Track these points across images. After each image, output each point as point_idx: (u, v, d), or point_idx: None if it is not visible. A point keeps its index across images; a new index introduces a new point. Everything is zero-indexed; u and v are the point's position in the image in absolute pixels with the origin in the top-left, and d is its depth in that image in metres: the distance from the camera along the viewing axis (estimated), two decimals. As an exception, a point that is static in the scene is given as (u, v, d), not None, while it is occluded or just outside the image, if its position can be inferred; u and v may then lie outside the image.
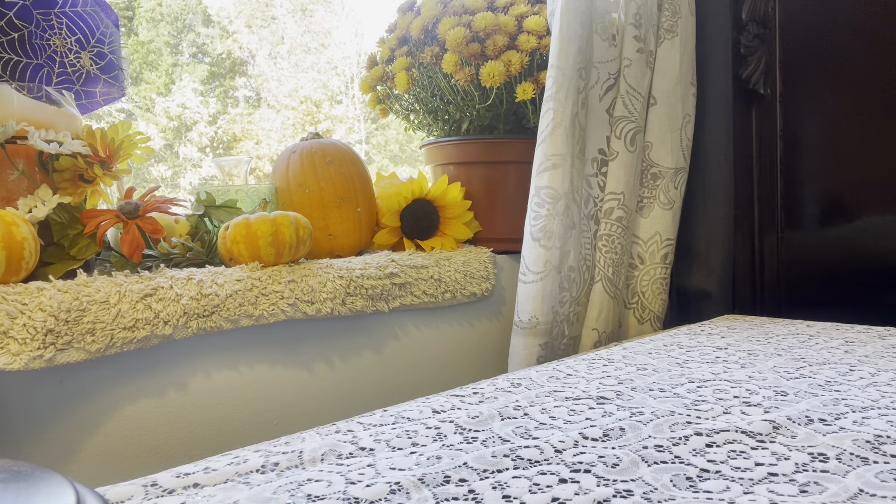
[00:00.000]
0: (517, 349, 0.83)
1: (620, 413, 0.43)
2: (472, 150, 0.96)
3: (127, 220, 0.65)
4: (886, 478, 0.32)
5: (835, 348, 0.61)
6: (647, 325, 0.95)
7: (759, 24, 0.95)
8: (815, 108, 0.94)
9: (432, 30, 0.92)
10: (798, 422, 0.40)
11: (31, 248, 0.56)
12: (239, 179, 0.85)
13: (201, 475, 0.35)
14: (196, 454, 0.65)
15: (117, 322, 0.57)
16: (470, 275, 0.88)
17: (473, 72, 0.89)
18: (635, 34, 0.89)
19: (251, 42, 2.26)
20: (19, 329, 0.52)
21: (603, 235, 0.90)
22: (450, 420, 0.43)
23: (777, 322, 0.78)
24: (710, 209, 0.97)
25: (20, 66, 0.74)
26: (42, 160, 0.65)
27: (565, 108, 0.81)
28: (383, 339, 0.81)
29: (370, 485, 0.33)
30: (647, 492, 0.31)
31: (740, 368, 0.55)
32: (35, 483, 0.24)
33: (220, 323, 0.64)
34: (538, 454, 0.36)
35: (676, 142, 0.93)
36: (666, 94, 0.92)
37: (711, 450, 0.36)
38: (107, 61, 0.80)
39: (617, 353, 0.62)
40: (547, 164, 0.81)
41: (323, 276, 0.71)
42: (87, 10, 0.77)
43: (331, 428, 0.43)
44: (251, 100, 2.26)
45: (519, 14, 0.90)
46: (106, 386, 0.60)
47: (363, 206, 0.87)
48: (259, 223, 0.68)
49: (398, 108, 1.02)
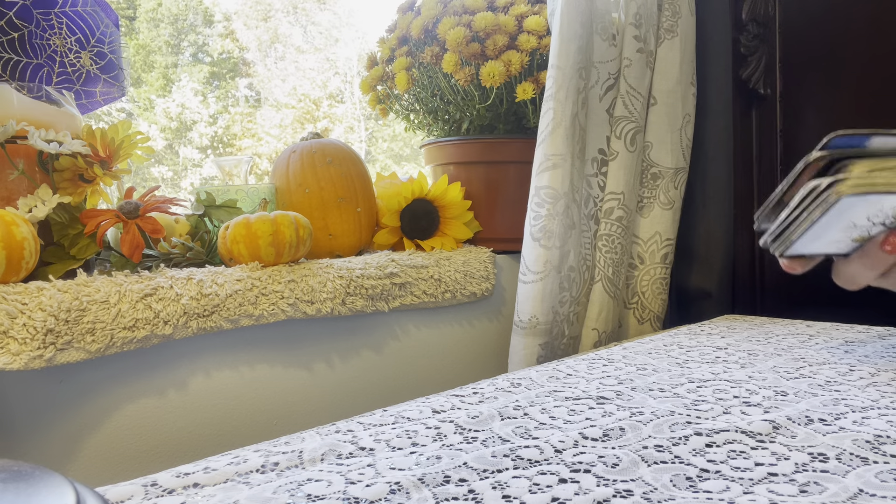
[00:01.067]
0: (517, 349, 0.83)
1: (620, 413, 0.43)
2: (472, 149, 0.96)
3: (127, 219, 0.65)
4: (886, 478, 0.32)
5: (835, 348, 0.61)
6: (647, 325, 0.95)
7: (759, 24, 0.95)
8: (816, 108, 0.94)
9: (432, 30, 0.92)
10: (798, 422, 0.40)
11: (31, 247, 0.56)
12: (239, 179, 0.85)
13: (201, 475, 0.35)
14: (196, 454, 0.65)
15: (117, 322, 0.57)
16: (470, 275, 0.88)
17: (473, 72, 0.89)
18: (635, 34, 0.89)
19: (251, 42, 2.26)
20: (19, 329, 0.52)
21: (603, 235, 0.90)
22: (450, 420, 0.43)
23: (777, 322, 0.78)
24: (710, 209, 0.97)
25: (20, 66, 0.74)
26: (42, 160, 0.65)
27: (565, 108, 0.81)
28: (383, 338, 0.81)
29: (370, 485, 0.33)
30: (647, 492, 0.31)
31: (740, 368, 0.55)
32: (35, 483, 0.24)
33: (220, 323, 0.64)
34: (538, 454, 0.36)
35: (676, 142, 0.93)
36: (666, 94, 0.92)
37: (711, 450, 0.36)
38: (107, 61, 0.80)
39: (617, 353, 0.62)
40: (547, 163, 0.81)
41: (323, 276, 0.71)
42: (87, 10, 0.77)
43: (331, 428, 0.43)
44: (251, 99, 2.26)
45: (519, 14, 0.90)
46: (106, 386, 0.60)
47: (363, 205, 0.87)
48: (259, 223, 0.68)
49: (398, 107, 1.02)
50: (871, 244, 0.50)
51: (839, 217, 0.46)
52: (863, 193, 0.44)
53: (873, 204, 0.45)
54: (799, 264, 0.54)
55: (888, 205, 0.46)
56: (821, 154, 0.47)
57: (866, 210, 0.46)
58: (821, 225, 0.47)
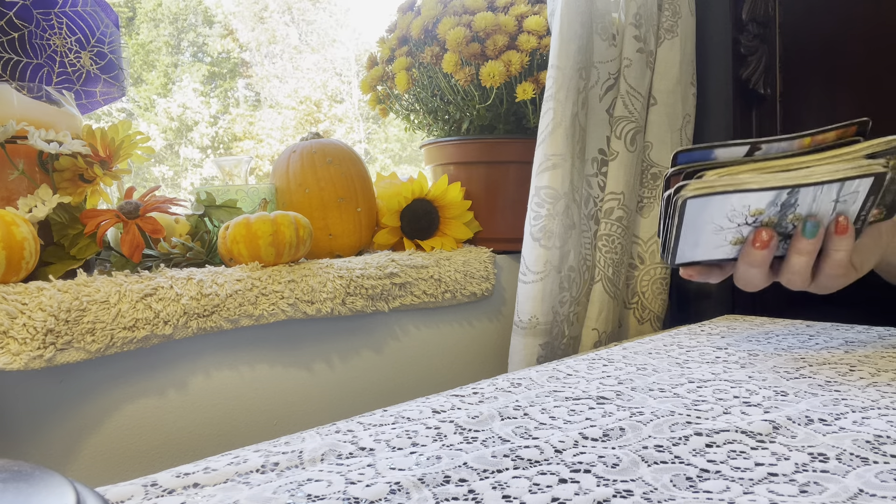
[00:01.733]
0: (517, 349, 0.83)
1: (620, 413, 0.43)
2: (472, 150, 0.96)
3: (127, 219, 0.65)
4: (886, 478, 0.32)
5: (835, 348, 0.61)
6: (647, 325, 0.95)
7: (759, 24, 0.95)
8: (816, 108, 0.94)
9: (432, 30, 0.92)
10: (798, 422, 0.40)
11: (31, 247, 0.56)
12: (239, 179, 0.85)
13: (201, 475, 0.35)
14: (196, 454, 0.65)
15: (117, 322, 0.57)
16: (470, 275, 0.88)
17: (473, 72, 0.89)
18: (635, 34, 0.89)
19: (251, 42, 2.26)
20: (19, 329, 0.52)
21: (603, 235, 0.90)
22: (450, 420, 0.43)
23: (777, 322, 0.78)
24: (710, 209, 0.97)
25: (20, 66, 0.74)
26: (42, 160, 0.65)
27: (565, 108, 0.81)
28: (383, 339, 0.81)
29: (370, 485, 0.33)
30: (647, 492, 0.31)
31: (740, 368, 0.55)
32: (35, 483, 0.24)
33: (220, 323, 0.64)
34: (538, 454, 0.36)
35: (676, 142, 0.93)
36: (666, 94, 0.92)
37: (711, 450, 0.36)
38: (107, 61, 0.80)
39: (617, 353, 0.62)
40: (547, 164, 0.81)
41: (323, 276, 0.71)
42: (87, 10, 0.77)
43: (331, 428, 0.43)
44: (251, 100, 2.26)
45: (519, 14, 0.90)
46: (106, 386, 0.60)
47: (363, 205, 0.87)
48: (259, 223, 0.68)
49: (398, 108, 1.02)
50: (747, 244, 0.53)
51: (699, 219, 0.50)
52: (704, 195, 0.49)
53: (723, 204, 0.49)
54: (696, 272, 0.57)
55: (738, 203, 0.49)
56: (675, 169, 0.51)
57: (721, 210, 0.50)
58: (686, 230, 0.51)
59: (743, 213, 0.50)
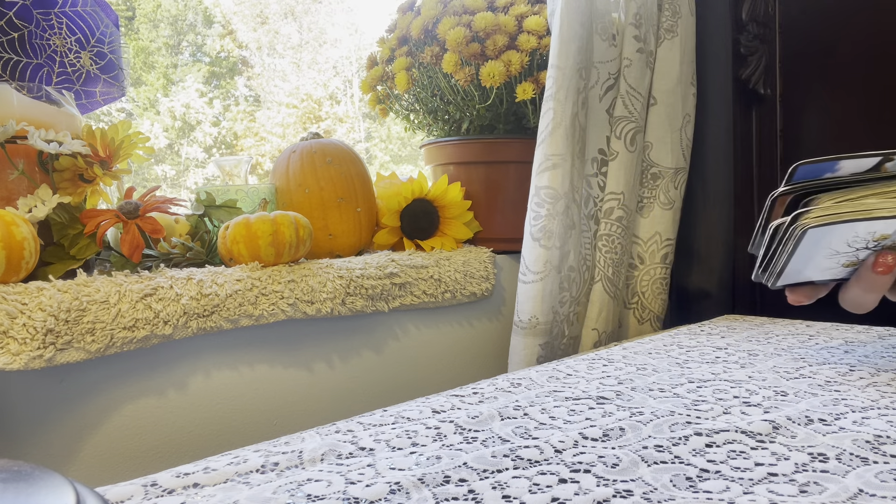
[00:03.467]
0: (517, 349, 0.83)
1: (620, 413, 0.43)
2: (472, 150, 0.96)
3: (127, 219, 0.65)
4: (886, 478, 0.32)
5: (835, 348, 0.61)
6: (647, 325, 0.95)
7: (759, 24, 0.95)
8: (816, 109, 0.94)
9: (432, 30, 0.92)
10: (798, 422, 0.40)
11: (31, 247, 0.56)
12: (239, 179, 0.85)
13: (201, 475, 0.35)
14: (196, 454, 0.65)
15: (117, 322, 0.57)
16: (470, 275, 0.88)
17: (473, 72, 0.89)
18: (635, 34, 0.89)
19: (250, 41, 2.26)
20: (19, 329, 0.52)
21: (603, 235, 0.90)
22: (450, 420, 0.43)
23: (777, 322, 0.78)
24: (710, 209, 0.97)
25: (20, 66, 0.74)
26: (42, 160, 0.65)
27: (565, 108, 0.81)
28: (383, 339, 0.81)
29: (370, 485, 0.33)
30: (647, 492, 0.31)
31: (740, 368, 0.55)
32: (35, 483, 0.24)
33: (220, 323, 0.64)
34: (538, 454, 0.36)
35: (676, 142, 0.93)
36: (666, 94, 0.92)
37: (711, 450, 0.36)
38: (107, 61, 0.80)
39: (617, 353, 0.62)
40: (547, 164, 0.81)
41: (323, 276, 0.71)
42: (87, 10, 0.77)
43: (331, 428, 0.43)
44: (251, 99, 2.26)
45: (519, 14, 0.90)
46: (106, 386, 0.60)
47: (363, 205, 0.87)
48: (259, 223, 0.68)
49: (398, 108, 1.02)
50: (864, 268, 0.51)
51: (815, 246, 0.49)
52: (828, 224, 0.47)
53: (846, 231, 0.48)
54: (803, 294, 0.55)
55: (862, 230, 0.48)
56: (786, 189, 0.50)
57: (842, 237, 0.48)
58: (799, 256, 0.50)
59: (865, 239, 0.49)
